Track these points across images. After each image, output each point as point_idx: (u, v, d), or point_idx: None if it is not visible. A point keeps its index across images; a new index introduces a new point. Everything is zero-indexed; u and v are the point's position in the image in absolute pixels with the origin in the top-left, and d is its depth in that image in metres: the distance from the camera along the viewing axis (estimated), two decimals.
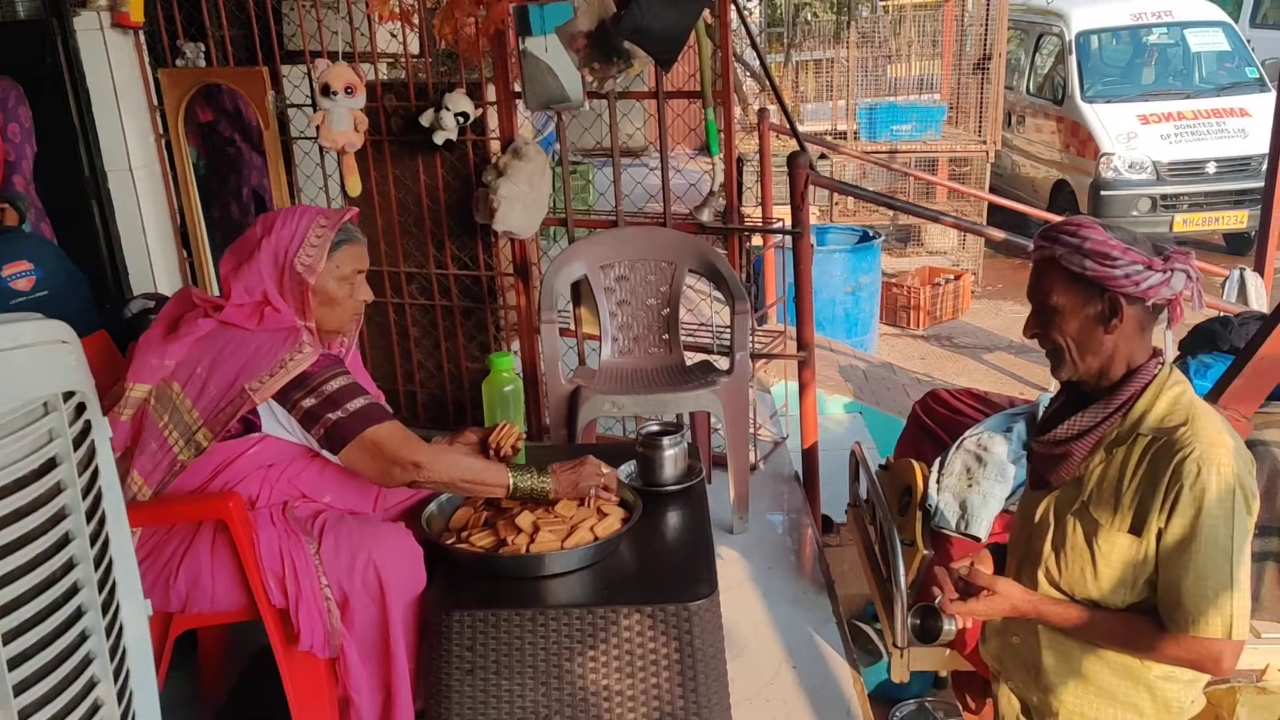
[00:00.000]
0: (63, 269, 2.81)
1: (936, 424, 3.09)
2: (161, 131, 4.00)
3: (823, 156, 8.15)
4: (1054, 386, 6.16)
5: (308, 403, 1.93)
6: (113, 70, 3.85)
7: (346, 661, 1.97)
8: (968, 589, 1.71)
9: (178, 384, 1.94)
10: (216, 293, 4.14)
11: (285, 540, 1.93)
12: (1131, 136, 8.25)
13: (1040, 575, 1.71)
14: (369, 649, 1.99)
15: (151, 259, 4.07)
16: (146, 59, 3.94)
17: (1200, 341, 2.96)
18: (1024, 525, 1.80)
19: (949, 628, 1.79)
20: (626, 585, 1.98)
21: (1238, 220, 8.08)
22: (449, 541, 2.05)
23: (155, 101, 3.96)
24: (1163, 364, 1.62)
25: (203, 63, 4.00)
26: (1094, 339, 1.60)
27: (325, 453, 1.99)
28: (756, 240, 5.53)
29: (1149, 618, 1.60)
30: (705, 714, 1.91)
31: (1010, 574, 1.81)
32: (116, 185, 3.93)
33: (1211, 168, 8.09)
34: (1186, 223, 8.07)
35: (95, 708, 1.10)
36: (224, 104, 4.44)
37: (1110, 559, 1.61)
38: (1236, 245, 8.63)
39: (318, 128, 3.62)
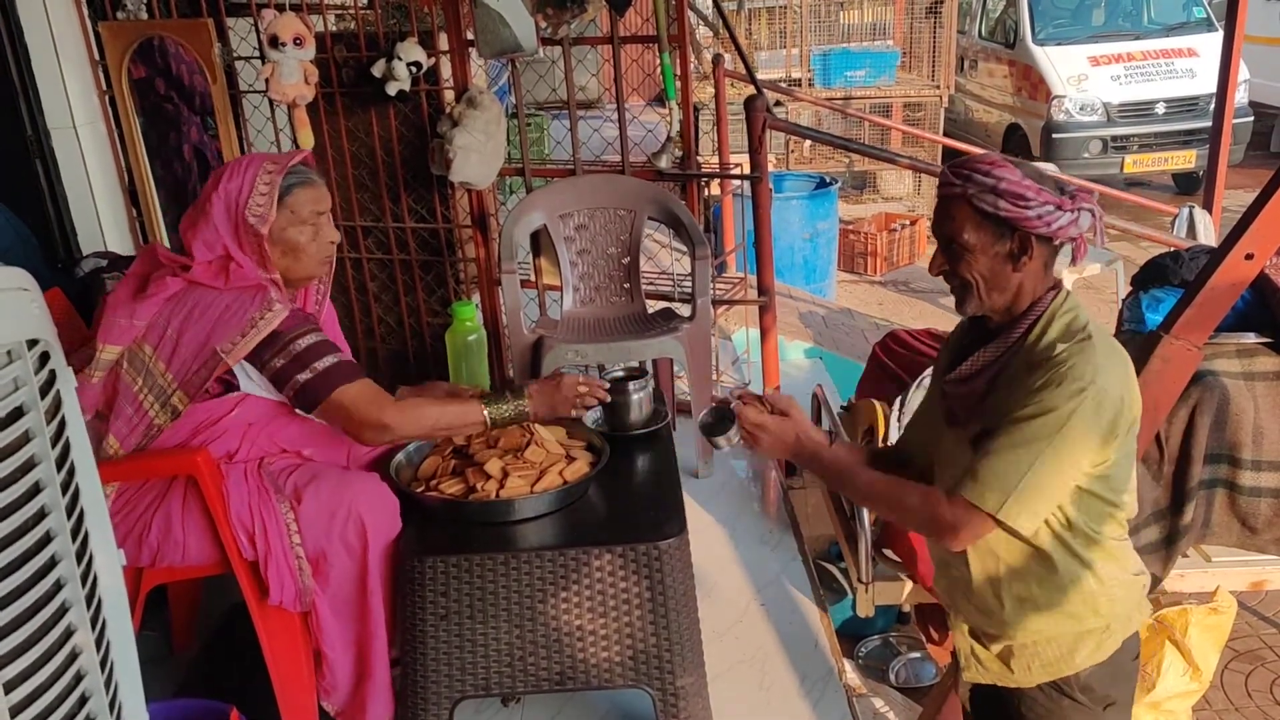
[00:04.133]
0: (10, 227, 2.75)
1: (896, 364, 3.14)
2: (105, 88, 3.90)
3: (778, 104, 8.13)
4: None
5: (278, 363, 1.91)
6: (51, 24, 3.73)
7: (318, 617, 1.98)
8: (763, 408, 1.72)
9: (149, 346, 1.91)
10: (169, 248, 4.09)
11: (256, 497, 1.93)
12: (1082, 79, 8.32)
13: None
14: (344, 604, 1.99)
15: (100, 218, 3.98)
16: (86, 11, 3.82)
17: (1152, 276, 3.01)
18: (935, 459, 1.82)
19: (732, 434, 1.72)
20: (597, 527, 2.01)
21: (1186, 160, 8.20)
22: (419, 490, 2.06)
23: (97, 56, 3.86)
24: (1058, 293, 1.65)
25: (144, 15, 3.90)
26: (1003, 276, 1.61)
27: (300, 411, 1.98)
28: (714, 190, 5.53)
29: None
30: (678, 650, 1.95)
31: None
32: (60, 143, 3.83)
33: (1161, 108, 8.20)
34: (1137, 163, 8.18)
35: (73, 655, 1.10)
36: (156, 61, 4.32)
37: None
38: (1185, 185, 8.77)
39: (267, 80, 3.54)
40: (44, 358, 1.08)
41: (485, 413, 2.02)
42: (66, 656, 1.09)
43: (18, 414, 1.03)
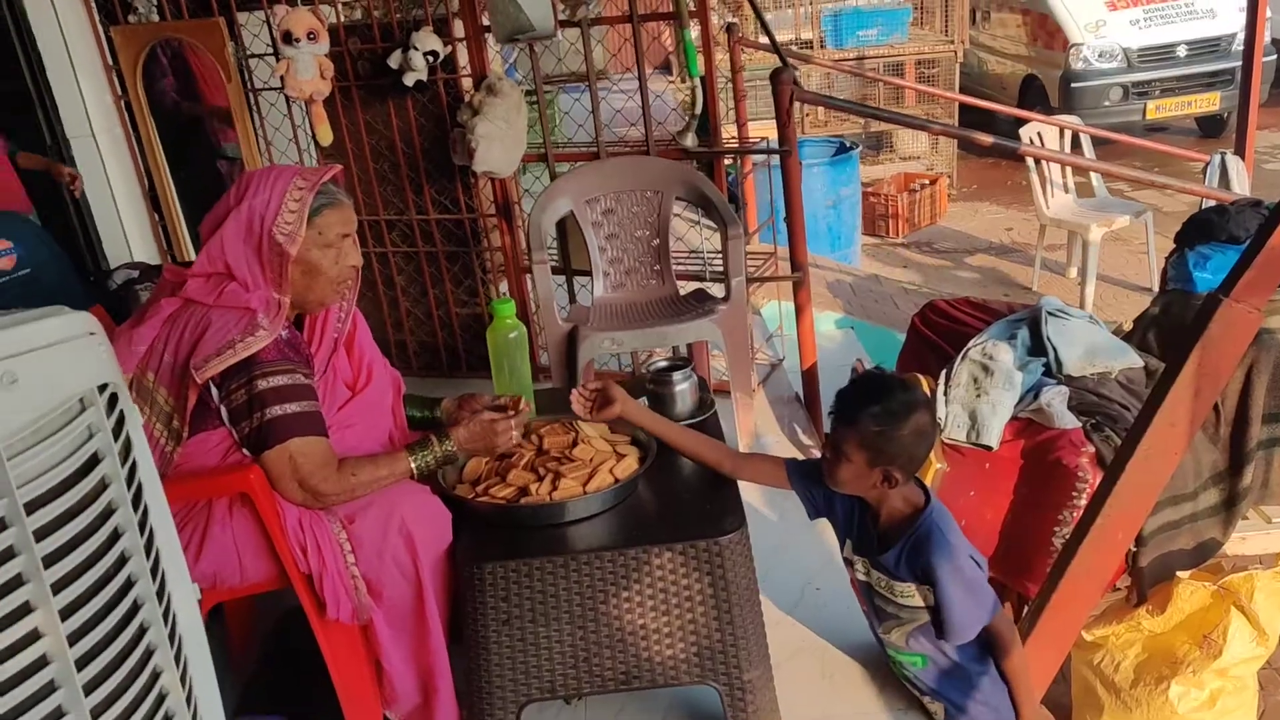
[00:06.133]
0: (43, 244, 2.73)
1: (937, 335, 3.09)
2: (120, 93, 3.87)
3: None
4: (1039, 284, 6.08)
5: (241, 395, 1.83)
6: (63, 31, 3.71)
7: (376, 632, 1.96)
8: None
9: (151, 372, 1.87)
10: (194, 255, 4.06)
11: (306, 515, 1.90)
12: (1100, 25, 8.16)
13: None
14: (401, 620, 1.98)
15: (124, 225, 3.98)
16: (97, 16, 3.79)
17: (1195, 232, 2.95)
18: None
19: None
20: (654, 525, 1.99)
21: (1210, 103, 8.06)
22: (470, 496, 2.04)
23: (110, 61, 3.83)
24: None
25: (155, 17, 3.86)
26: None
27: (246, 452, 1.88)
28: (728, 162, 5.45)
29: None
30: (743, 644, 1.93)
31: None
32: (80, 152, 3.82)
33: (1182, 51, 8.04)
34: (1160, 109, 8.04)
35: (161, 697, 1.09)
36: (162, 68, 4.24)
37: None
38: (1209, 128, 8.63)
39: (282, 78, 3.51)
40: (113, 399, 1.06)
41: (411, 463, 1.98)
42: (155, 700, 1.08)
43: (94, 461, 1.01)
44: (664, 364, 2.43)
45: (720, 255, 3.26)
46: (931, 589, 1.92)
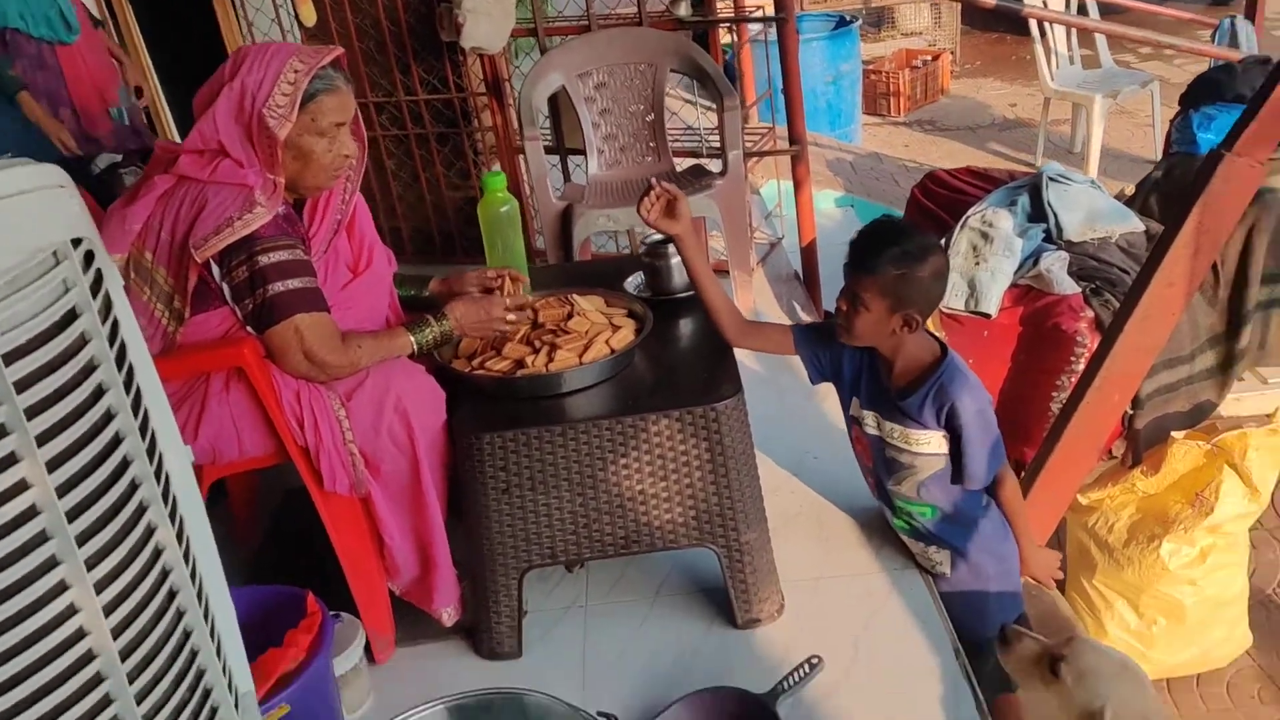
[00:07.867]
0: (17, 126, 2.66)
1: (937, 205, 3.05)
2: None
3: None
4: (1043, 160, 6.01)
5: (243, 272, 1.81)
6: None
7: (375, 507, 1.98)
8: None
9: (149, 251, 1.84)
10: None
11: (306, 390, 1.90)
12: None
13: None
14: (400, 495, 2.00)
15: None
16: None
17: (1202, 92, 2.88)
18: None
19: None
20: (651, 393, 1.99)
21: None
22: (466, 370, 2.04)
23: None
24: None
25: None
26: None
27: (250, 329, 1.87)
28: (725, 41, 5.31)
29: None
30: (740, 507, 1.95)
31: None
32: None
33: None
34: None
35: (158, 551, 1.10)
36: None
37: None
38: None
39: None
40: (89, 256, 1.04)
41: (412, 339, 1.98)
42: (151, 554, 1.08)
43: (72, 316, 0.99)
44: (660, 237, 2.40)
45: (717, 132, 3.20)
46: (955, 431, 1.94)
